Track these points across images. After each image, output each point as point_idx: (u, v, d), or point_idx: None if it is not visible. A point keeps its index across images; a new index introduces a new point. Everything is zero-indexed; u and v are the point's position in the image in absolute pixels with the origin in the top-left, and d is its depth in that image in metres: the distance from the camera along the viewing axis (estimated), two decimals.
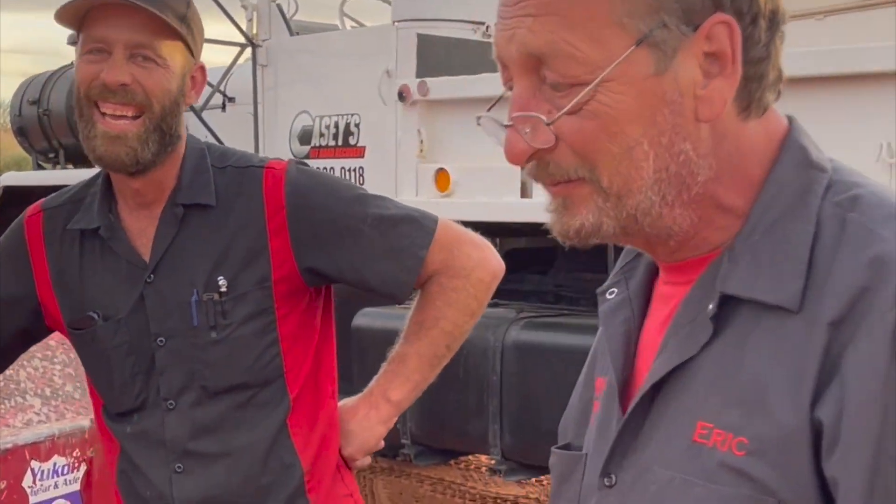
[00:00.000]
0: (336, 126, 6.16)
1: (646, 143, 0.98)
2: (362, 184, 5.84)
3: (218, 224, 1.98)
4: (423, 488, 6.89)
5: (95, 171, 2.09)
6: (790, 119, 1.07)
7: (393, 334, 2.16)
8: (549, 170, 1.01)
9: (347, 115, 6.09)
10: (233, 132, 6.39)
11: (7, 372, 2.99)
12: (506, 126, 1.01)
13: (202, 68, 2.03)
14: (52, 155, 8.08)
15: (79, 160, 7.97)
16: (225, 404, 1.99)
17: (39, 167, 8.28)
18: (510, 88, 1.02)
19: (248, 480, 2.01)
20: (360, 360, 5.18)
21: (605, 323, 1.16)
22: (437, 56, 5.66)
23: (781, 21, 1.01)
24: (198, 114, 6.28)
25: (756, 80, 1.00)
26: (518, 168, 3.71)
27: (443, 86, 5.22)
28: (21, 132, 8.16)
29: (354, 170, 6.09)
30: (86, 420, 2.89)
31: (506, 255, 6.51)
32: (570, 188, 1.01)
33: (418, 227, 2.04)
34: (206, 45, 2.06)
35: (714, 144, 0.99)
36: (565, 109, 0.98)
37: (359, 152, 6.06)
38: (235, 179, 2.01)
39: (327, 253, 1.99)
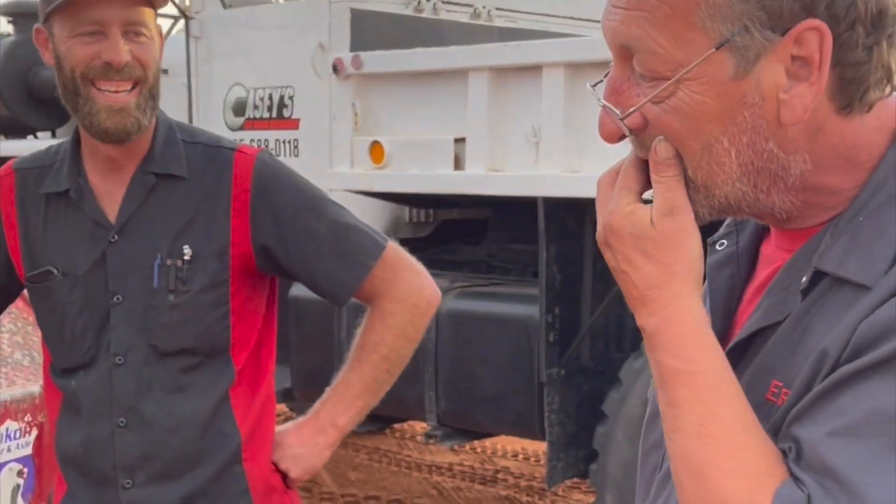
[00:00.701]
0: (270, 98, 6.20)
1: (725, 140, 1.03)
2: (296, 156, 5.91)
3: (186, 196, 2.07)
4: (359, 457, 7.01)
5: (31, 142, 2.16)
6: None
7: (326, 305, 2.24)
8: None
9: (281, 87, 6.12)
10: (166, 104, 6.37)
11: None
12: (601, 106, 1.08)
13: (160, 29, 2.10)
14: None
15: (10, 131, 7.92)
16: (173, 366, 2.07)
17: None
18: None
19: (188, 443, 2.09)
20: (296, 329, 5.27)
21: (711, 276, 1.20)
22: (370, 30, 5.72)
23: (890, 24, 1.02)
24: None
25: (855, 82, 1.03)
26: (451, 140, 3.91)
27: (377, 60, 5.28)
28: None
29: (289, 142, 6.14)
30: (35, 386, 2.96)
31: (439, 226, 6.63)
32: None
33: (370, 240, 2.15)
34: None
35: (808, 141, 1.03)
36: (647, 98, 1.04)
37: (293, 124, 6.11)
38: (205, 156, 2.10)
39: (283, 242, 2.09)
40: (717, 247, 1.22)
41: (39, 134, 8.00)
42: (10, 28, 8.15)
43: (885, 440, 0.93)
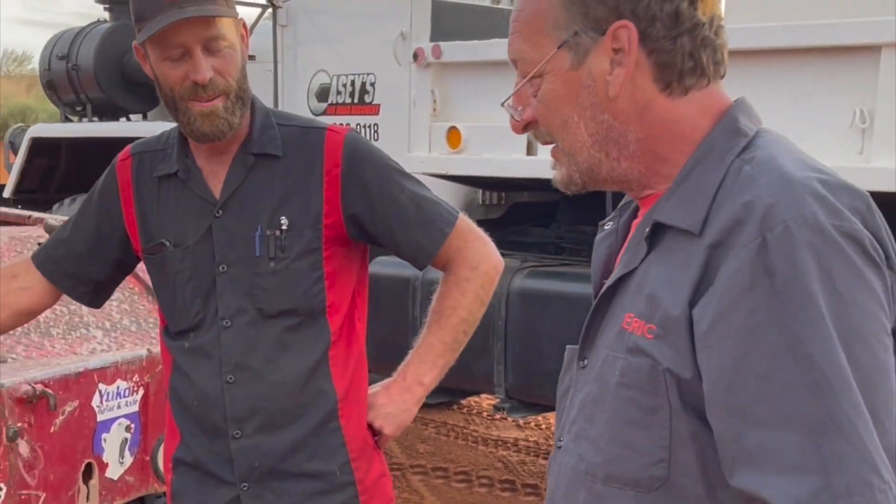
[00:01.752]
0: (352, 84, 6.45)
1: (575, 115, 1.36)
2: (377, 140, 6.17)
3: (282, 172, 2.31)
4: (427, 431, 7.22)
5: (123, 124, 2.41)
6: (738, 99, 1.38)
7: (403, 281, 2.48)
8: (543, 136, 1.42)
9: (364, 74, 6.38)
10: (254, 90, 6.64)
11: (70, 307, 3.37)
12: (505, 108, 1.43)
13: (244, 24, 2.31)
14: (79, 108, 8.35)
15: (105, 113, 8.28)
16: (276, 327, 2.30)
17: (67, 120, 8.57)
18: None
19: (290, 397, 2.31)
20: (373, 305, 5.49)
21: (595, 247, 1.53)
22: (450, 21, 5.93)
23: (686, 22, 1.32)
24: None
25: (668, 66, 1.33)
26: None
27: (456, 49, 5.49)
28: (50, 85, 8.42)
29: (369, 126, 6.39)
30: (142, 350, 3.25)
31: (510, 209, 6.81)
32: (553, 151, 1.42)
33: (445, 211, 2.38)
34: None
35: (638, 115, 1.35)
36: (525, 93, 1.39)
37: (374, 110, 6.36)
38: (299, 136, 2.33)
39: (370, 211, 2.31)
40: (605, 227, 1.53)
41: (132, 116, 8.36)
42: (106, 15, 8.51)
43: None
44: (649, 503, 1.31)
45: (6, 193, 8.29)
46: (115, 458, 3.08)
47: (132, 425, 3.14)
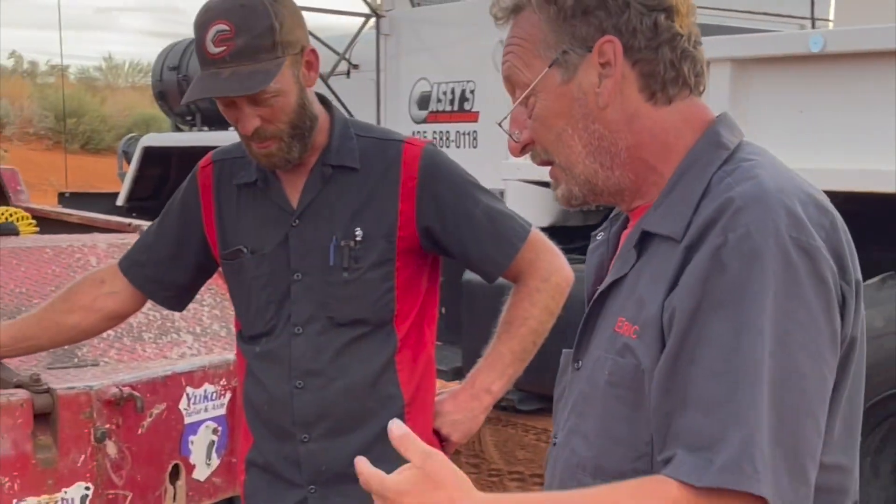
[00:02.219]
0: (452, 92, 6.48)
1: (569, 128, 1.44)
2: (475, 147, 6.20)
3: (359, 184, 2.35)
4: (527, 437, 7.21)
5: (232, 133, 2.47)
6: (721, 114, 1.47)
7: (497, 289, 2.51)
8: (540, 156, 1.50)
9: (463, 81, 6.41)
10: (357, 98, 6.74)
11: (163, 312, 3.46)
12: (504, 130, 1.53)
13: (313, 51, 2.31)
14: (189, 118, 8.56)
15: (214, 122, 8.46)
16: (345, 335, 2.35)
17: (178, 129, 8.79)
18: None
19: (357, 402, 2.35)
20: (468, 312, 5.54)
21: (588, 256, 1.62)
22: None
23: (664, 33, 1.41)
24: (325, 80, 6.65)
25: (651, 76, 1.42)
26: None
27: None
28: (161, 96, 8.65)
29: (468, 133, 6.42)
30: (231, 354, 3.31)
31: (607, 214, 6.78)
32: (552, 170, 1.50)
33: (518, 224, 2.41)
34: (332, 15, 2.42)
35: (626, 123, 1.43)
36: (520, 116, 1.48)
37: (473, 117, 6.39)
38: (377, 148, 2.37)
39: (444, 224, 2.34)
40: (597, 237, 1.61)
41: None
42: None
43: None
44: None
45: (119, 201, 8.54)
46: (203, 459, 3.14)
47: (219, 428, 3.20)
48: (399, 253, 2.35)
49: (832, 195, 1.45)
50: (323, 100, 2.42)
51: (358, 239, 2.33)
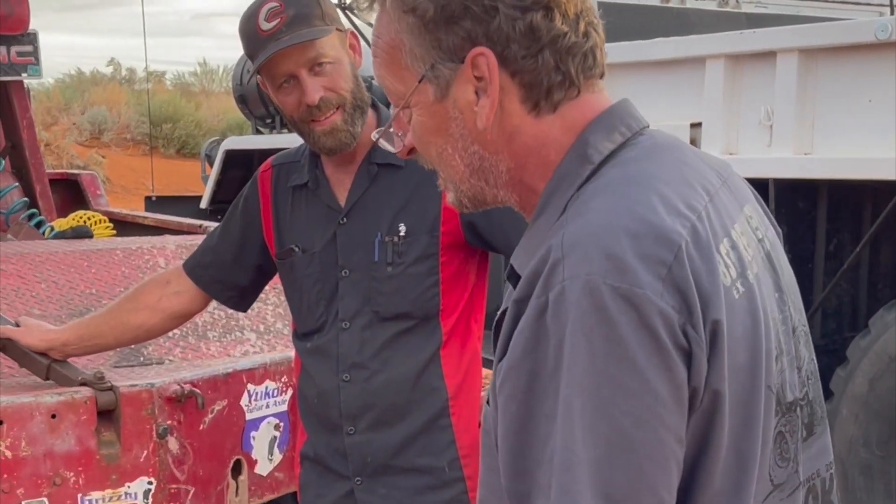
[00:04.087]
0: None
1: (449, 147, 1.31)
2: None
3: (404, 181, 2.40)
4: None
5: (284, 136, 2.52)
6: (606, 108, 1.29)
7: None
8: (426, 163, 1.38)
9: None
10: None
11: (228, 311, 3.53)
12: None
13: (353, 33, 2.41)
14: (269, 121, 8.68)
15: (272, 127, 8.58)
16: (391, 329, 2.39)
17: (258, 132, 8.92)
18: None
19: (401, 394, 2.39)
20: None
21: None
22: (617, 21, 5.88)
23: (544, 37, 1.24)
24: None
25: (535, 85, 1.26)
26: (688, 125, 4.47)
27: (619, 50, 5.48)
28: (242, 100, 8.78)
29: None
30: (291, 352, 3.37)
31: None
32: (440, 178, 1.38)
33: None
34: None
35: (506, 143, 1.29)
36: (403, 119, 1.35)
37: None
38: None
39: (487, 218, 2.36)
40: None
41: None
42: None
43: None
44: None
45: (203, 204, 8.69)
46: (265, 455, 3.20)
47: (281, 424, 3.26)
48: (443, 247, 2.39)
49: None
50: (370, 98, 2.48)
51: (401, 234, 2.38)
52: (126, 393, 2.76)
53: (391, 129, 1.40)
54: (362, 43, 2.50)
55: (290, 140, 8.35)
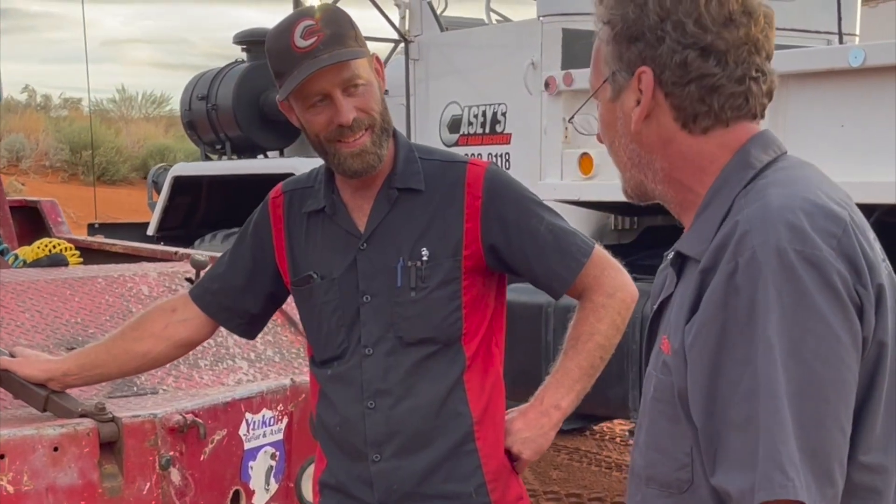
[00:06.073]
0: (484, 115, 6.52)
1: (616, 140, 1.59)
2: (508, 168, 6.22)
3: (424, 206, 2.38)
4: (560, 457, 7.22)
5: (261, 161, 2.51)
6: (759, 132, 1.53)
7: (536, 308, 2.51)
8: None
9: (495, 104, 6.45)
10: None
11: (217, 339, 3.47)
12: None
13: (377, 58, 2.41)
14: (218, 146, 8.58)
15: (243, 151, 8.50)
16: (414, 354, 2.37)
17: (207, 158, 8.83)
18: None
19: (427, 420, 2.37)
20: (508, 332, 5.54)
21: (657, 276, 1.67)
22: (581, 49, 5.96)
23: (693, 72, 1.48)
24: None
25: (681, 109, 1.52)
26: None
27: (587, 76, 5.53)
28: (190, 125, 8.68)
29: (501, 155, 6.45)
30: (286, 380, 3.32)
31: (643, 233, 6.80)
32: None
33: (582, 241, 2.42)
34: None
35: (661, 146, 1.54)
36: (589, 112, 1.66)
37: (505, 139, 6.42)
38: (441, 170, 2.41)
39: (508, 241, 2.37)
40: (667, 257, 1.64)
41: (269, 153, 8.57)
42: (244, 55, 8.75)
43: None
44: None
45: (150, 231, 8.57)
46: (262, 485, 3.15)
47: (277, 453, 3.21)
48: (465, 272, 2.38)
49: (876, 207, 1.51)
50: None
51: (424, 259, 2.36)
52: (129, 424, 2.69)
53: (588, 115, 1.66)
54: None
55: (241, 166, 8.30)
